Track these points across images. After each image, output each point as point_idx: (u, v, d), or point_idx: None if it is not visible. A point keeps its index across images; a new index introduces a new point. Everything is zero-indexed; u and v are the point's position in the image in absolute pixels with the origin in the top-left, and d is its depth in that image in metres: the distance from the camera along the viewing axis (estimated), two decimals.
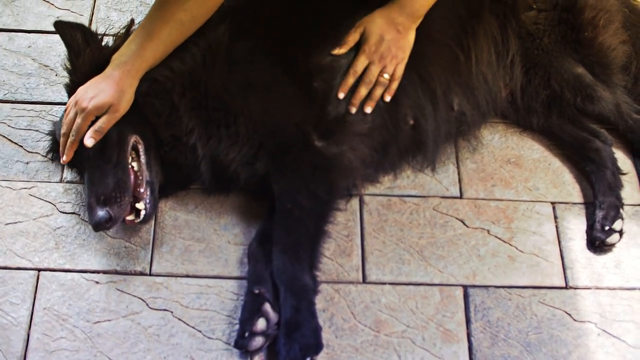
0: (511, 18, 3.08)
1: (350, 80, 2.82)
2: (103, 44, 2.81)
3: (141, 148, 2.71)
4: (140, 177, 2.69)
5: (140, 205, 2.68)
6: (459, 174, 3.08)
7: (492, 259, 2.87)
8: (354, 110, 2.81)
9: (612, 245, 2.95)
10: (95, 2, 3.47)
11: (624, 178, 3.10)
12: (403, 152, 2.98)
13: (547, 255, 2.90)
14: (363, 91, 2.83)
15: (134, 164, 2.70)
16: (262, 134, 2.72)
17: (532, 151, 3.18)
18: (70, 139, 2.59)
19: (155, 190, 2.74)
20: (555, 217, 3.01)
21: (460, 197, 3.02)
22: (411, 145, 2.97)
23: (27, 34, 3.37)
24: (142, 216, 2.69)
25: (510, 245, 2.91)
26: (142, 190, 2.69)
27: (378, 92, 2.84)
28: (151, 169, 2.72)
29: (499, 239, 2.92)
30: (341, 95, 2.80)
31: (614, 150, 3.18)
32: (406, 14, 2.83)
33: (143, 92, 2.69)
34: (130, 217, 2.69)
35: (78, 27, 2.81)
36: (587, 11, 3.13)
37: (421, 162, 3.05)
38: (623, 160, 3.18)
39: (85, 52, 2.76)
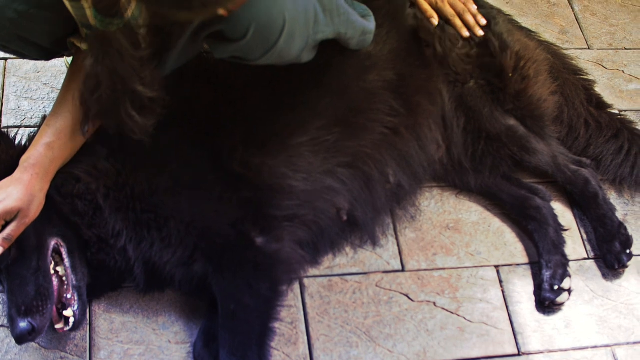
0: (442, 63, 3.12)
1: (458, 21, 3.14)
2: (16, 141, 2.76)
3: (64, 251, 2.65)
4: (66, 282, 2.62)
5: (68, 312, 2.60)
6: (398, 245, 3.08)
7: (441, 332, 2.88)
8: (476, 33, 3.15)
9: (562, 304, 2.98)
10: (3, 92, 3.37)
11: (565, 233, 3.12)
12: (341, 235, 2.98)
13: (496, 322, 2.92)
14: (469, 17, 3.14)
15: (59, 269, 2.63)
16: (196, 236, 2.69)
17: (470, 214, 3.21)
18: None
19: (84, 295, 2.67)
20: (501, 281, 3.04)
21: (403, 270, 3.03)
22: (349, 228, 2.98)
23: None
24: (71, 323, 2.61)
25: (458, 315, 2.92)
26: (69, 296, 2.62)
27: (469, 18, 3.14)
28: (77, 272, 2.65)
29: (446, 310, 2.93)
30: (464, 33, 3.14)
31: (553, 204, 3.21)
32: None
33: (64, 193, 2.65)
34: (59, 325, 2.62)
35: None
36: (514, 58, 3.17)
37: (360, 239, 3.04)
38: (562, 213, 3.23)
39: None
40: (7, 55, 3.37)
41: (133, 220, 2.69)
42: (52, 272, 2.60)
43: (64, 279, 2.63)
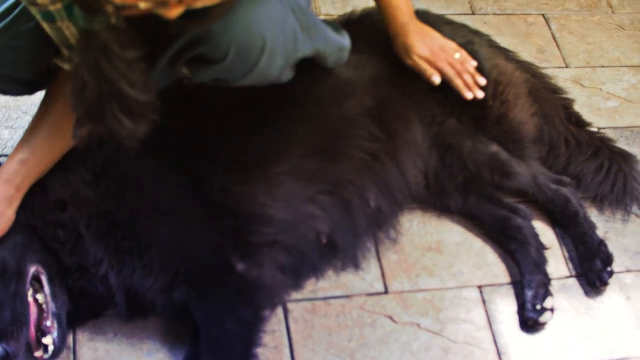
0: (418, 104, 3.13)
1: (458, 81, 3.10)
2: None
3: (44, 278, 2.64)
4: (46, 310, 2.61)
5: (47, 340, 2.59)
6: (381, 267, 3.10)
7: (426, 354, 2.89)
8: (476, 95, 3.12)
9: (545, 323, 2.99)
10: None
11: (547, 252, 3.15)
12: (322, 258, 3.00)
13: (479, 342, 2.94)
14: (467, 78, 3.10)
15: (38, 296, 2.62)
16: (177, 263, 2.70)
17: (452, 234, 3.23)
18: None
19: (63, 322, 2.65)
20: (484, 301, 3.06)
21: (386, 292, 3.04)
22: (330, 251, 3.00)
23: None
24: (50, 351, 2.60)
25: (442, 336, 2.94)
26: (48, 323, 2.60)
27: (468, 78, 3.09)
28: (57, 299, 2.65)
29: (430, 331, 2.95)
30: (467, 95, 3.12)
31: (534, 223, 3.25)
32: (410, 20, 3.10)
33: (48, 221, 2.66)
34: (38, 353, 2.60)
35: None
36: (491, 87, 3.19)
37: (342, 262, 3.06)
38: (543, 232, 3.26)
39: None
40: None
41: (114, 248, 2.70)
42: (31, 299, 2.59)
43: (44, 306, 2.62)
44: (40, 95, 2.72)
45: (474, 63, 3.13)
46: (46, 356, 2.61)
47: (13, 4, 2.46)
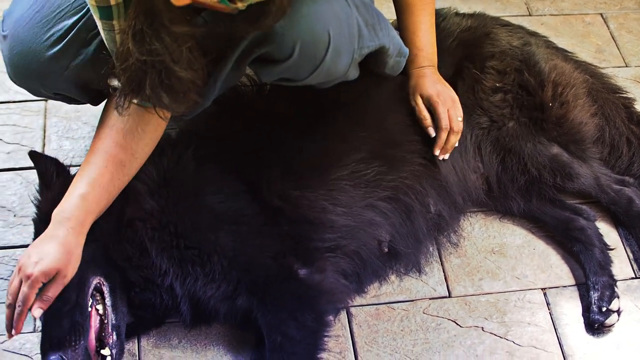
0: (475, 108, 3.13)
1: (444, 135, 2.98)
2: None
3: (106, 290, 2.65)
4: (106, 321, 2.62)
5: (105, 352, 2.59)
6: (444, 271, 3.11)
7: (491, 357, 2.90)
8: (443, 157, 3.02)
9: (611, 326, 2.98)
10: (45, 132, 3.45)
11: (611, 253, 3.13)
12: (384, 264, 3.01)
13: (545, 345, 2.94)
14: (454, 139, 3.00)
15: (99, 307, 2.63)
16: (239, 271, 2.72)
17: (515, 237, 3.23)
18: (17, 310, 2.42)
19: (122, 334, 2.67)
20: (548, 304, 3.05)
21: (449, 296, 3.05)
22: (392, 258, 3.02)
23: None
24: None
25: (507, 340, 2.94)
26: (107, 334, 2.61)
27: (451, 140, 3.00)
28: (117, 311, 2.66)
29: (495, 334, 2.95)
30: (437, 152, 3.00)
31: (598, 224, 3.24)
32: (427, 65, 3.04)
33: (116, 239, 2.68)
34: None
35: (52, 160, 2.82)
36: (551, 89, 3.18)
37: (405, 267, 3.07)
38: (607, 233, 3.24)
39: (55, 184, 2.74)
40: None
41: (178, 258, 2.72)
42: (92, 309, 2.61)
43: (104, 317, 2.63)
44: (100, 107, 2.76)
45: (456, 143, 3.05)
46: None
47: (69, 27, 2.52)
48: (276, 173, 2.84)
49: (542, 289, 3.09)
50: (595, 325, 2.97)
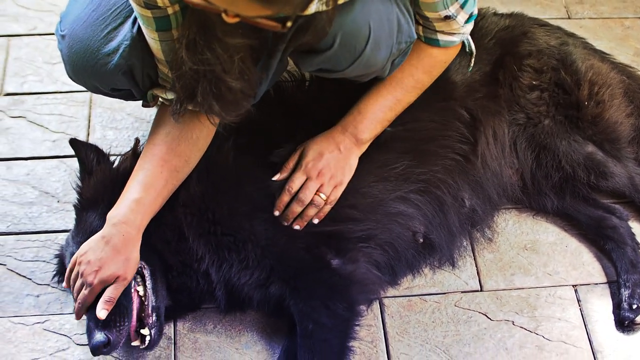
0: (512, 105, 3.17)
1: (285, 198, 2.84)
2: (114, 165, 2.92)
3: (147, 273, 2.74)
4: (146, 303, 2.71)
5: (145, 331, 2.68)
6: (476, 266, 3.14)
7: (520, 351, 2.93)
8: (285, 224, 2.84)
9: None
10: (89, 122, 3.53)
11: None
12: (418, 257, 3.05)
13: (574, 341, 2.96)
14: (296, 209, 2.83)
15: (139, 289, 2.71)
16: (272, 258, 2.78)
17: (548, 234, 3.25)
18: (78, 305, 2.59)
19: (162, 316, 2.75)
20: (579, 300, 3.08)
21: (481, 290, 3.09)
22: (426, 250, 3.06)
23: (24, 162, 3.41)
24: (147, 342, 2.69)
25: (537, 334, 2.97)
26: (147, 315, 2.70)
27: (311, 212, 2.84)
28: (157, 294, 2.74)
29: (525, 329, 2.98)
30: (276, 213, 2.84)
31: (631, 223, 3.25)
32: (349, 133, 2.89)
33: (157, 223, 2.75)
34: (135, 343, 2.71)
35: (92, 146, 2.92)
36: (587, 88, 3.20)
37: (438, 260, 3.11)
38: None
39: (97, 171, 2.84)
40: None
41: (214, 244, 2.80)
42: (134, 291, 2.69)
43: (144, 299, 2.71)
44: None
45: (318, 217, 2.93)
46: (142, 347, 2.72)
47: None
48: None
49: (573, 285, 3.12)
50: (626, 322, 2.99)
